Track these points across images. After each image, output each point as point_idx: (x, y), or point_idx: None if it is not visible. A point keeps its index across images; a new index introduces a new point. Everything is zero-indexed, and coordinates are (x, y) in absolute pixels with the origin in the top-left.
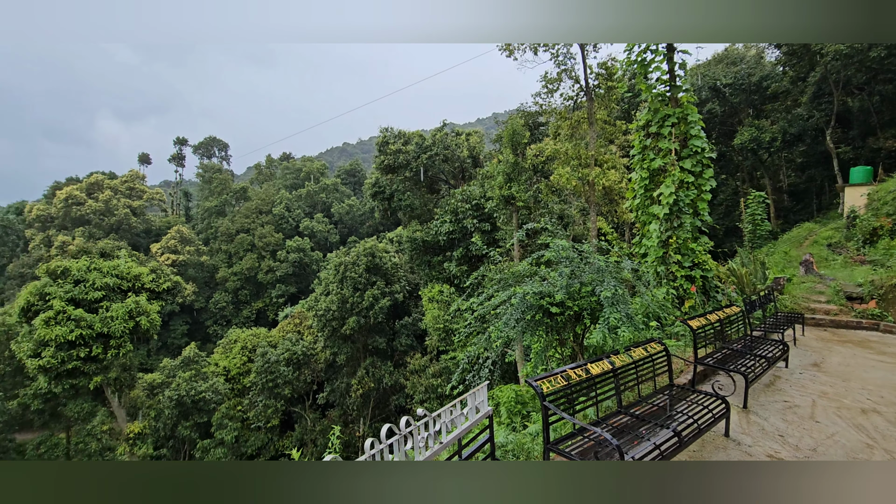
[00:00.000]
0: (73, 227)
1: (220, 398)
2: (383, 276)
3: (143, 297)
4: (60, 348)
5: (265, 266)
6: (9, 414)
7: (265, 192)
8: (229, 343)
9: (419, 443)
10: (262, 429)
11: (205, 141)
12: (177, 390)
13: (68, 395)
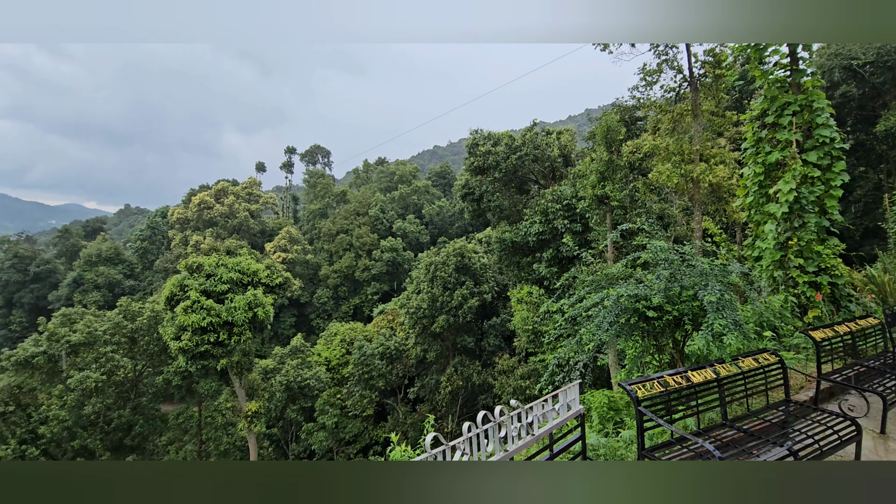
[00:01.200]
0: (204, 228)
1: (322, 386)
2: (472, 277)
3: (259, 290)
4: (195, 333)
5: (362, 264)
6: (156, 387)
7: (362, 195)
8: (330, 336)
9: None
10: (358, 417)
11: (310, 149)
12: (286, 376)
13: (200, 374)
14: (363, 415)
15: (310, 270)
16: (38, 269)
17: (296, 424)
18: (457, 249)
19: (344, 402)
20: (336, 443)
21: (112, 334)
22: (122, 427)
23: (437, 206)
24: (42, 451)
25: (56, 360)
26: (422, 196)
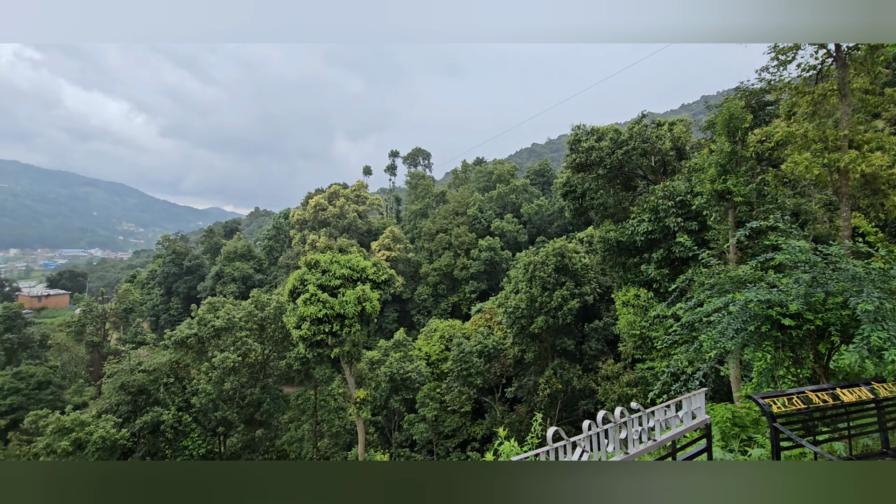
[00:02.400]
0: (319, 227)
1: (423, 379)
2: (573, 277)
3: (367, 286)
4: (313, 323)
5: (460, 263)
6: (280, 370)
7: (460, 195)
8: (430, 331)
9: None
10: (456, 412)
11: (412, 152)
12: (389, 368)
13: (316, 360)
14: (461, 410)
15: (411, 268)
16: (189, 264)
17: (398, 414)
18: (557, 249)
19: (443, 396)
20: (436, 435)
21: (246, 321)
22: (254, 403)
23: (535, 205)
24: (193, 418)
25: (204, 342)
26: (520, 195)
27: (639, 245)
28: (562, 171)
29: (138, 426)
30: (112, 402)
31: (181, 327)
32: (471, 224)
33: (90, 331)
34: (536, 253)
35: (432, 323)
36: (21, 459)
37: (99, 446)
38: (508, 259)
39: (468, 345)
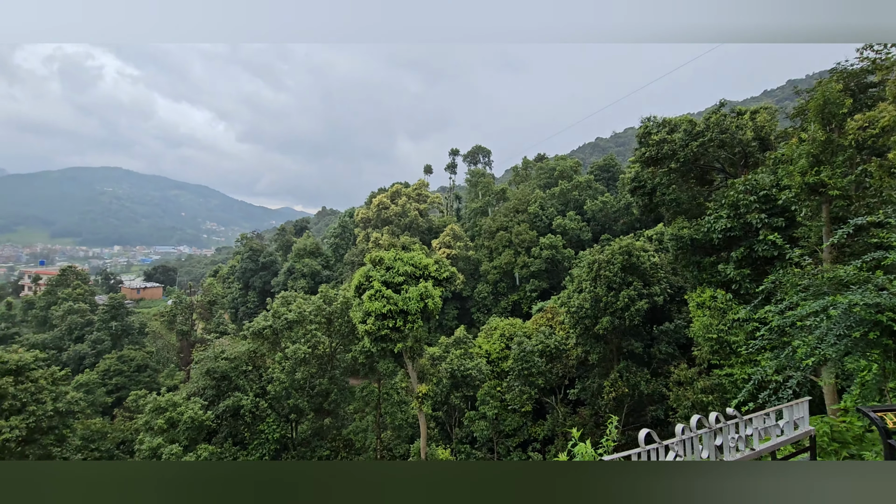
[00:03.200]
0: (382, 226)
1: (483, 377)
2: (640, 277)
3: (429, 283)
4: (378, 318)
5: (520, 261)
6: (346, 363)
7: (521, 193)
8: (490, 329)
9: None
10: (517, 412)
11: (472, 150)
12: (450, 364)
13: (380, 354)
14: (522, 410)
15: (471, 266)
16: (264, 260)
17: (459, 411)
18: (623, 247)
19: (503, 395)
20: (496, 434)
21: (315, 315)
22: (322, 393)
23: (599, 202)
24: (269, 405)
25: (278, 333)
26: (583, 191)
27: (716, 243)
28: (629, 166)
29: (221, 409)
30: (199, 386)
31: (258, 319)
32: (531, 222)
33: (180, 320)
34: (601, 251)
35: (492, 321)
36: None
37: (188, 426)
38: (571, 257)
39: (529, 344)
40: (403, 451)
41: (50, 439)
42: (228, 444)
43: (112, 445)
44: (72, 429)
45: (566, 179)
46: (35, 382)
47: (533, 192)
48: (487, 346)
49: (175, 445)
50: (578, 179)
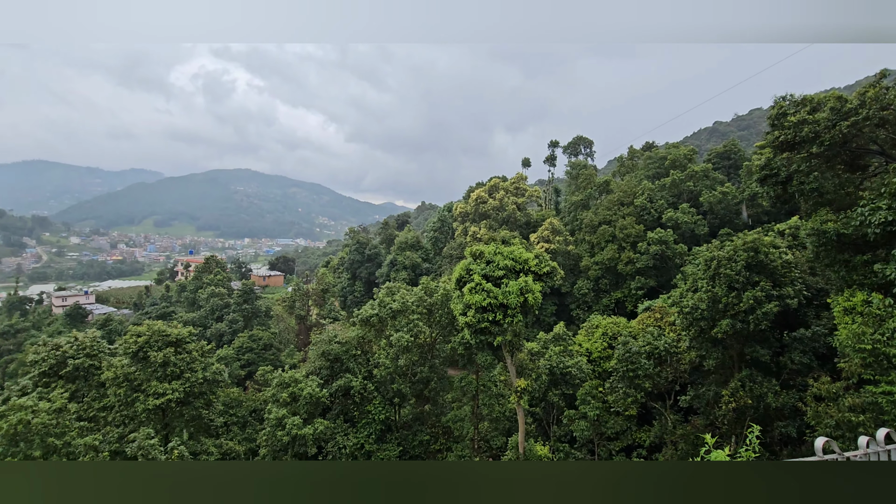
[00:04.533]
0: (480, 220)
1: (584, 376)
2: (769, 276)
3: (529, 277)
4: (478, 311)
5: (625, 257)
6: (445, 353)
7: (627, 184)
8: (591, 327)
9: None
10: (620, 414)
11: (572, 141)
12: (549, 361)
13: (479, 347)
14: (625, 413)
15: (571, 261)
16: (370, 252)
17: (557, 409)
18: (748, 243)
19: (606, 396)
20: (597, 436)
21: (417, 306)
22: (423, 380)
23: (718, 193)
24: (375, 387)
25: (383, 321)
26: (699, 181)
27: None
28: (756, 152)
29: (334, 388)
30: (316, 366)
31: (365, 308)
32: (638, 215)
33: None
34: (721, 247)
35: (594, 319)
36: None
37: (307, 401)
38: (683, 254)
39: (635, 345)
40: (501, 444)
41: (200, 402)
42: (340, 421)
43: (246, 412)
44: (216, 395)
45: (679, 169)
46: (189, 354)
47: (640, 183)
48: (588, 344)
49: (297, 417)
50: (693, 168)
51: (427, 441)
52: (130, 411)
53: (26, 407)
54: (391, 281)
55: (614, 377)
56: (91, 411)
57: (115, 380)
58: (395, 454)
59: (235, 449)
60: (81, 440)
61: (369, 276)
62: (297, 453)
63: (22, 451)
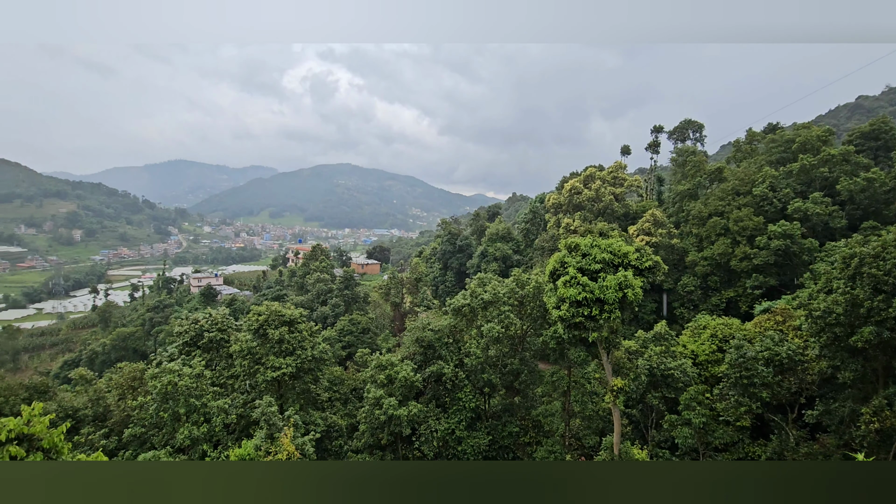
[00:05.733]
0: (574, 211)
1: (688, 380)
2: None
3: (629, 272)
4: (572, 305)
5: (739, 252)
6: (536, 346)
7: (743, 172)
8: (698, 328)
9: None
10: (730, 424)
11: (679, 125)
12: (648, 361)
13: (572, 342)
14: (737, 423)
15: (674, 256)
16: (461, 243)
17: (657, 412)
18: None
19: (713, 403)
20: (703, 445)
21: (508, 297)
22: (513, 372)
23: (861, 180)
24: (466, 376)
25: (474, 311)
26: (836, 166)
27: None
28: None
29: (427, 374)
30: (410, 352)
31: (457, 298)
32: (757, 205)
33: (393, 293)
34: (864, 242)
35: (701, 319)
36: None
37: (402, 384)
38: (813, 250)
39: (751, 349)
40: (594, 443)
41: (309, 378)
42: (432, 406)
43: (347, 390)
44: (322, 372)
45: (810, 152)
46: (300, 333)
47: (760, 169)
48: (694, 346)
49: (393, 399)
50: (829, 152)
51: (516, 433)
52: (253, 381)
53: (174, 371)
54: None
55: (724, 383)
56: (222, 378)
57: (241, 352)
58: (485, 442)
59: (338, 423)
60: (215, 402)
61: (460, 267)
62: (393, 432)
63: (171, 408)
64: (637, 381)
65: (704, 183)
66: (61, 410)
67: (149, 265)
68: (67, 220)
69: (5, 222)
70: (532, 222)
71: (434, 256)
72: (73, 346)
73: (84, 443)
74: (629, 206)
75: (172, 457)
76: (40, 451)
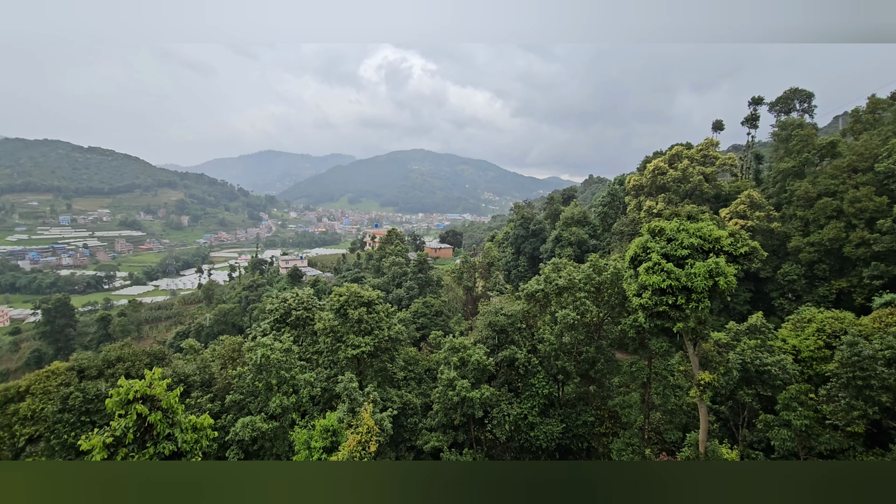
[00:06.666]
0: (657, 193)
1: (788, 377)
2: None
3: (721, 258)
4: (655, 293)
5: (855, 237)
6: (614, 335)
7: (863, 145)
8: (801, 321)
9: None
10: (839, 429)
11: (783, 95)
12: (741, 355)
13: (653, 332)
14: (846, 428)
15: (774, 241)
16: (534, 228)
17: (750, 410)
18: None
19: (818, 404)
20: (804, 450)
21: (585, 283)
22: (588, 360)
23: None
24: (539, 362)
25: (548, 297)
26: None
27: None
28: None
29: (500, 358)
30: (483, 335)
31: (531, 283)
32: (879, 184)
33: (465, 277)
34: None
35: (805, 311)
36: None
37: (475, 367)
38: None
39: (868, 347)
40: (675, 438)
41: (386, 357)
42: (505, 390)
43: (421, 370)
44: (398, 352)
45: None
46: (378, 314)
47: (885, 142)
48: (796, 340)
49: (465, 381)
50: None
51: (591, 422)
52: (335, 357)
53: (267, 345)
54: (556, 257)
55: (833, 383)
56: (307, 354)
57: (324, 330)
58: (559, 430)
59: (413, 401)
60: (302, 375)
61: (533, 252)
62: (466, 413)
63: (265, 379)
64: (727, 375)
65: (813, 159)
66: (175, 376)
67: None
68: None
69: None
70: (610, 205)
71: (506, 241)
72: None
73: (194, 405)
74: (721, 187)
75: (266, 423)
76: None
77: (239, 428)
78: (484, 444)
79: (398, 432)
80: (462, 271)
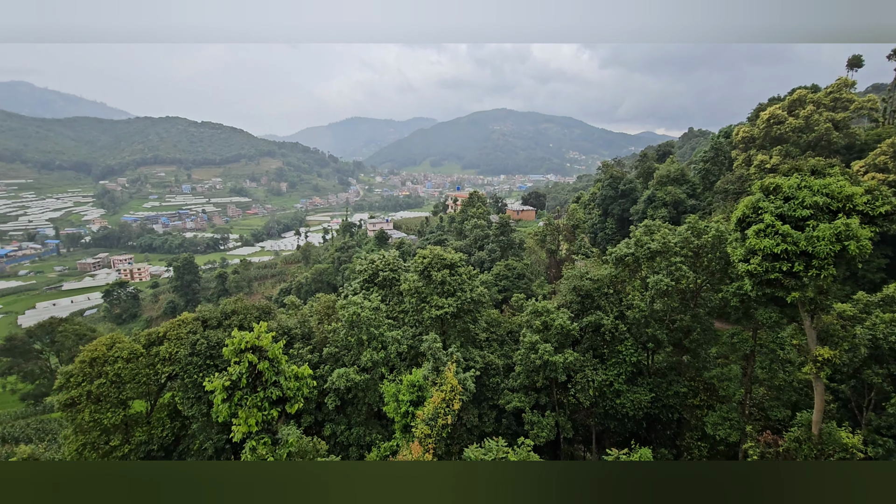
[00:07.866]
0: (771, 146)
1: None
2: None
3: (854, 220)
4: (766, 259)
5: None
6: (713, 303)
7: None
8: None
9: None
10: None
11: None
12: (872, 329)
13: (761, 301)
14: None
15: None
16: (624, 188)
17: (878, 391)
18: None
19: None
20: None
21: (681, 247)
22: (682, 329)
23: None
24: (627, 329)
25: (639, 261)
26: None
27: None
28: None
29: (584, 323)
30: (567, 300)
31: (620, 246)
32: None
33: (549, 240)
34: None
35: None
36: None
37: (558, 331)
38: None
39: None
40: (782, 416)
41: (468, 318)
42: (589, 356)
43: (504, 332)
44: (480, 314)
45: None
46: (460, 276)
47: None
48: None
49: (548, 345)
50: None
51: (683, 393)
52: (420, 317)
53: (357, 303)
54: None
55: None
56: (394, 313)
57: (409, 291)
58: (647, 399)
59: (495, 362)
60: (390, 333)
61: (622, 213)
62: (548, 377)
63: (356, 334)
64: (853, 352)
65: None
66: (279, 329)
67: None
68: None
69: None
70: (713, 161)
71: (593, 202)
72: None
73: (296, 355)
74: (856, 135)
75: (358, 374)
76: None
77: (335, 378)
78: (567, 407)
79: (480, 391)
80: (545, 234)
